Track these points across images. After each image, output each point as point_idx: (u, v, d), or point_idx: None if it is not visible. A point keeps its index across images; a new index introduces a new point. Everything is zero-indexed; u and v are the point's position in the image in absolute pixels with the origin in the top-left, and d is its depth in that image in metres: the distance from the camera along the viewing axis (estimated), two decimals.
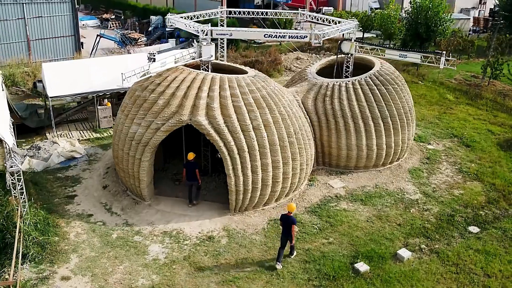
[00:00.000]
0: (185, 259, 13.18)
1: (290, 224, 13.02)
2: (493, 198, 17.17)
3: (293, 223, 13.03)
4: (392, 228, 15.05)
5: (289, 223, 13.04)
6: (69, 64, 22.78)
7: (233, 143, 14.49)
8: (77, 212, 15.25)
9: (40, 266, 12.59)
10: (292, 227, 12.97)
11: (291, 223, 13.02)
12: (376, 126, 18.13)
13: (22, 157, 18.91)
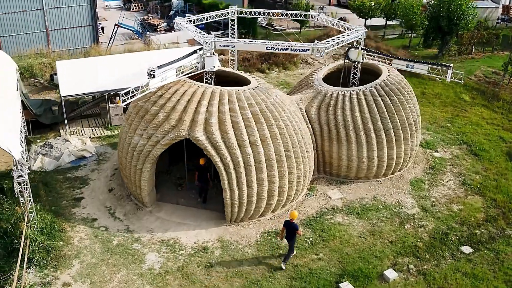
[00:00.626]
0: (178, 270, 14.00)
1: (293, 229, 14.18)
2: (491, 216, 17.23)
3: (295, 229, 14.23)
4: (383, 246, 15.43)
5: (292, 229, 14.21)
6: (82, 62, 23.52)
7: (229, 158, 15.00)
8: (83, 216, 16.23)
9: (45, 271, 13.66)
10: (297, 232, 14.21)
11: (294, 229, 14.18)
12: (378, 138, 18.25)
13: (35, 155, 20.04)
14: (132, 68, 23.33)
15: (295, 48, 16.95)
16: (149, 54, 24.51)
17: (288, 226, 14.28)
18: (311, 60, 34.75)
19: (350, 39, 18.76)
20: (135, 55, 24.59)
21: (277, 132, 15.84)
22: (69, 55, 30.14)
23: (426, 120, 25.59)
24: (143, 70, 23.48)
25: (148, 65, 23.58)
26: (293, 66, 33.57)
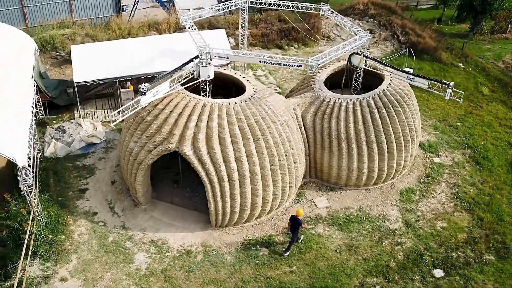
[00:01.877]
0: (162, 272, 15.73)
1: (297, 224, 16.30)
2: (473, 238, 17.72)
3: (299, 224, 16.37)
4: (356, 262, 16.46)
5: (296, 223, 16.34)
6: (96, 47, 24.45)
7: (214, 173, 16.08)
8: (85, 209, 18.08)
9: (47, 263, 15.74)
10: (301, 226, 16.38)
11: (298, 224, 16.32)
12: (370, 151, 18.66)
13: (50, 138, 21.84)
14: (145, 53, 24.17)
15: (288, 63, 17.14)
16: (163, 39, 25.02)
17: (293, 221, 16.47)
18: (333, 36, 34.09)
19: (349, 49, 18.63)
20: (149, 39, 25.23)
21: (263, 147, 16.63)
22: (91, 25, 31.10)
23: (436, 116, 25.33)
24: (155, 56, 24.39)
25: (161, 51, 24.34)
26: (313, 42, 33.16)
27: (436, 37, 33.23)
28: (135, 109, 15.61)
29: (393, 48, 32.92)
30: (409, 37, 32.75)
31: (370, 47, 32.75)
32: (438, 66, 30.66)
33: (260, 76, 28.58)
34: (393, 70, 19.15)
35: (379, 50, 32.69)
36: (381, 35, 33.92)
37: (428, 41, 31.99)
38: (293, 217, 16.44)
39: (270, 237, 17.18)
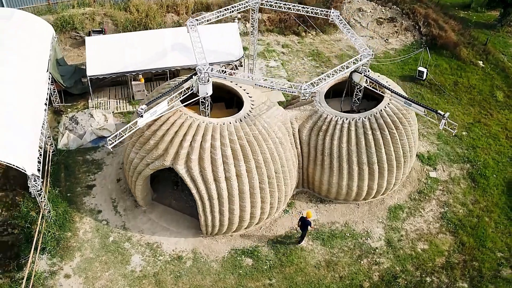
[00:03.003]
0: (154, 275, 17.59)
1: (306, 224, 18.37)
2: (451, 263, 18.62)
3: (308, 225, 18.41)
4: (332, 280, 17.79)
5: (305, 224, 18.42)
6: (110, 39, 25.23)
7: (204, 191, 17.36)
8: (91, 206, 19.90)
9: (54, 259, 17.83)
10: (308, 227, 18.43)
11: (307, 224, 18.38)
12: (360, 171, 19.38)
13: (63, 129, 23.45)
14: (156, 48, 24.86)
15: (282, 88, 17.62)
16: (176, 33, 25.40)
17: (303, 221, 18.54)
18: (353, 22, 33.41)
19: (346, 72, 18.80)
20: (162, 33, 25.68)
21: (253, 167, 17.65)
22: (112, 3, 31.63)
23: None
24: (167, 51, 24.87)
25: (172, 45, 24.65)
26: (332, 28, 32.73)
27: (460, 30, 32.10)
28: (132, 130, 16.76)
29: (413, 39, 32.13)
30: (431, 29, 31.80)
31: (390, 36, 32.31)
32: (456, 64, 29.98)
33: (272, 67, 28.89)
34: (391, 93, 19.32)
35: (398, 41, 32.02)
36: (403, 24, 33.00)
37: (449, 35, 31.02)
38: (303, 218, 18.63)
39: (256, 248, 18.65)
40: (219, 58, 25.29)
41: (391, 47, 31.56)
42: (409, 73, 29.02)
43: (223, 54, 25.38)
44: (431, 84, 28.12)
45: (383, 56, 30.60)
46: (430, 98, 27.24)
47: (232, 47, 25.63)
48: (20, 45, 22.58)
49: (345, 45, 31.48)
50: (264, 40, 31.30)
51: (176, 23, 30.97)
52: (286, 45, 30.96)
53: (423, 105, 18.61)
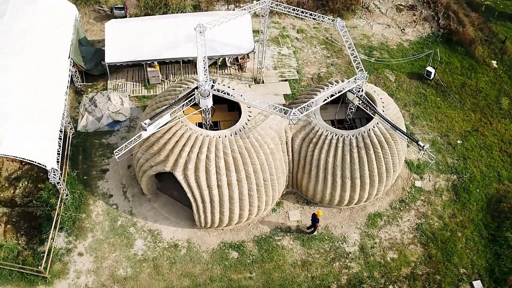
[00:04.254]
0: (152, 260, 20.59)
1: (315, 221, 21.29)
2: (414, 274, 20.83)
3: (317, 222, 21.25)
4: (305, 279, 20.37)
5: (314, 220, 21.26)
6: (130, 25, 26.47)
7: (198, 195, 19.72)
8: (103, 190, 22.67)
9: (70, 238, 20.98)
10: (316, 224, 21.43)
11: (316, 221, 21.25)
12: (343, 183, 21.22)
13: (83, 110, 25.73)
14: (174, 36, 26.13)
15: (273, 111, 19.00)
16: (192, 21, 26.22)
17: (313, 217, 21.29)
18: (372, 7, 33.09)
19: (337, 95, 19.85)
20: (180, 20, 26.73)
21: (243, 177, 19.74)
22: None
23: (440, 129, 26.22)
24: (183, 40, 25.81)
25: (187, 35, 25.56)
26: (350, 14, 32.66)
27: (480, 24, 31.37)
28: (136, 141, 18.86)
29: (430, 31, 31.84)
30: (450, 22, 31.28)
31: (407, 26, 32.07)
32: (468, 63, 29.93)
33: (283, 55, 29.70)
34: (379, 118, 20.42)
35: (414, 32, 31.82)
36: (422, 13, 32.54)
37: (467, 30, 30.58)
38: (314, 214, 21.33)
39: (242, 243, 21.24)
40: (230, 51, 26.46)
41: (406, 38, 31.49)
42: (418, 70, 29.32)
43: (234, 47, 26.47)
44: (437, 84, 28.54)
45: (396, 48, 30.75)
46: (434, 100, 27.83)
47: (244, 40, 26.60)
48: (43, 32, 24.36)
49: (360, 33, 31.63)
50: (280, 24, 31.76)
51: (196, 0, 31.62)
52: (301, 30, 31.39)
53: (407, 134, 19.86)
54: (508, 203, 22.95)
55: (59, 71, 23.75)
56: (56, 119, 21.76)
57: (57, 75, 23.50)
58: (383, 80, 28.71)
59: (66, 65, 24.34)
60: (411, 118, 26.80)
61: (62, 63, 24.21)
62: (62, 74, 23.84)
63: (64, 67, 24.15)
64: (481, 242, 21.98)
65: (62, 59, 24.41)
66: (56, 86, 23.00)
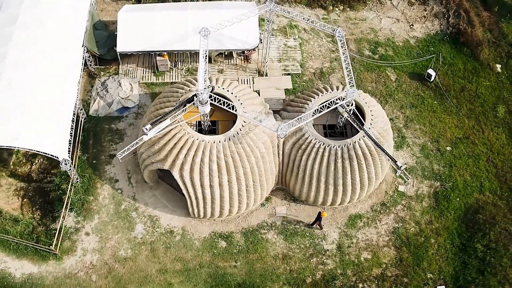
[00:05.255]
0: (150, 244, 23.10)
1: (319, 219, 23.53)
2: (384, 276, 22.91)
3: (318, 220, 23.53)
4: (283, 271, 22.66)
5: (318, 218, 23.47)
6: (142, 16, 27.39)
7: (192, 193, 21.88)
8: (110, 175, 24.91)
9: (78, 218, 23.54)
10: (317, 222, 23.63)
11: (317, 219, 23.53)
12: (326, 189, 23.00)
13: (95, 94, 27.46)
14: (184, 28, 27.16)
15: (262, 124, 20.33)
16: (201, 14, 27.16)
17: (318, 215, 23.42)
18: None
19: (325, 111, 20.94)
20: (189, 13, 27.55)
21: (234, 179, 21.65)
22: None
23: (432, 134, 27.21)
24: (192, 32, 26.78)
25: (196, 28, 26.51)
26: (361, 5, 32.62)
27: (490, 24, 31.01)
28: (138, 144, 20.66)
29: (439, 28, 31.78)
30: (459, 21, 31.04)
31: (417, 21, 32.00)
32: (472, 65, 30.13)
33: (289, 47, 30.37)
34: (363, 134, 21.57)
35: (423, 29, 31.80)
36: (433, 9, 32.33)
37: (476, 32, 30.48)
38: (319, 213, 23.42)
39: (231, 233, 23.48)
40: (236, 45, 27.43)
41: (414, 34, 31.55)
42: (421, 70, 29.77)
43: (240, 42, 27.38)
44: (437, 87, 29.06)
45: (401, 45, 30.97)
46: (430, 103, 28.52)
47: (249, 36, 27.42)
48: (59, 22, 25.75)
49: (368, 26, 31.81)
50: (290, 12, 32.02)
51: None
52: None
53: (387, 153, 21.21)
54: (484, 215, 24.39)
55: (72, 61, 25.35)
56: (68, 110, 23.67)
57: (70, 65, 25.13)
58: (383, 79, 29.36)
59: (79, 54, 25.86)
60: (405, 120, 27.77)
61: (76, 52, 25.75)
62: (76, 63, 25.43)
63: (77, 56, 25.70)
64: (451, 250, 23.74)
65: (76, 48, 25.92)
66: (69, 77, 24.70)
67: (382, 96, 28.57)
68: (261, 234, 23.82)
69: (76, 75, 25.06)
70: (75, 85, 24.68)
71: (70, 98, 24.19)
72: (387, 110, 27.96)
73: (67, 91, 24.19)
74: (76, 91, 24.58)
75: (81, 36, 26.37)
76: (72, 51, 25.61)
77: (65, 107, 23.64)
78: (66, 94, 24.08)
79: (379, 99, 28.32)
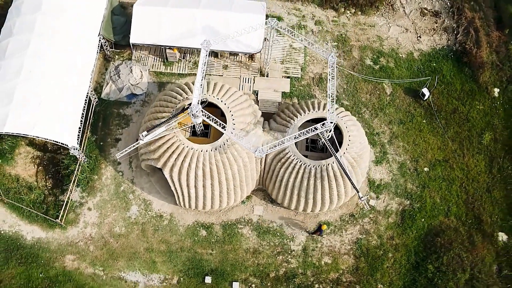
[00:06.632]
0: (141, 224, 26.76)
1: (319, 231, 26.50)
2: (339, 280, 26.08)
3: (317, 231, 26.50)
4: (252, 264, 26.03)
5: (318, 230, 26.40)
6: (156, 12, 28.95)
7: (179, 190, 25.37)
8: (114, 158, 27.95)
9: (83, 194, 27.22)
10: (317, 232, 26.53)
11: (318, 231, 26.42)
12: (299, 199, 25.68)
13: (108, 78, 29.93)
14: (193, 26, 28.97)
15: (241, 143, 22.56)
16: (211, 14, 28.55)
17: (319, 227, 26.44)
18: (398, 5, 32.94)
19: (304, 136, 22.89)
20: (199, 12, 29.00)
21: (216, 183, 24.61)
22: None
23: (413, 153, 29.18)
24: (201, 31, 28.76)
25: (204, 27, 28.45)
26: (372, 10, 32.93)
27: (498, 45, 30.96)
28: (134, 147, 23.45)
29: (446, 43, 32.16)
30: (467, 39, 31.06)
31: (425, 33, 32.27)
32: (469, 87, 30.80)
33: (294, 49, 31.56)
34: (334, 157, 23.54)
35: (430, 42, 32.17)
36: (444, 22, 32.31)
37: (481, 53, 30.83)
38: (320, 225, 26.51)
39: (212, 224, 26.75)
40: (239, 48, 29.15)
41: (419, 47, 32.02)
42: (417, 86, 30.67)
43: (243, 45, 29.03)
44: (429, 106, 30.04)
45: (404, 57, 31.61)
46: (419, 121, 29.83)
47: (253, 40, 28.85)
48: (78, 11, 27.67)
49: (375, 34, 32.40)
50: (301, 11, 32.81)
51: None
52: (319, 22, 32.48)
53: (352, 183, 23.33)
54: (442, 239, 26.68)
55: (88, 49, 27.83)
56: (80, 99, 26.58)
57: (86, 54, 27.71)
58: (379, 92, 30.59)
59: (95, 43, 28.11)
60: (390, 136, 29.43)
61: (92, 41, 28.06)
62: (91, 52, 27.79)
63: (93, 44, 27.96)
64: (405, 266, 26.50)
65: (92, 36, 28.23)
66: (83, 66, 27.44)
67: (373, 108, 30.03)
68: (238, 228, 27.03)
69: (90, 64, 27.58)
70: (88, 74, 27.29)
71: (83, 87, 26.99)
72: (376, 123, 29.60)
73: (80, 80, 26.94)
74: (89, 81, 27.20)
75: (98, 25, 28.52)
76: (89, 40, 28.03)
77: (77, 96, 26.53)
78: (79, 83, 26.84)
79: (370, 112, 29.85)
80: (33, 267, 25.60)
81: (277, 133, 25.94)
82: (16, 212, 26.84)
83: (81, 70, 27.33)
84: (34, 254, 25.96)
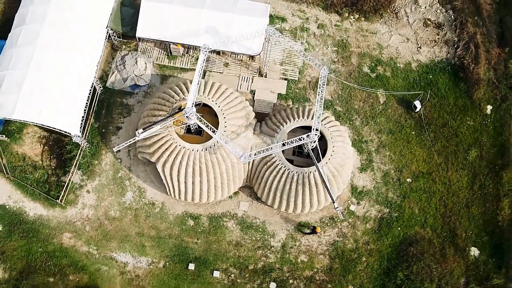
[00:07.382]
0: (135, 210, 28.93)
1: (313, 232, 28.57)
2: (312, 278, 27.99)
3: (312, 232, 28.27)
4: (233, 255, 28.12)
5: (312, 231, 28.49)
6: (163, 8, 29.99)
7: (170, 184, 27.57)
8: (114, 145, 30.03)
9: (83, 177, 29.40)
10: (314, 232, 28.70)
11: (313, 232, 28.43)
12: (281, 201, 27.56)
13: (114, 67, 31.43)
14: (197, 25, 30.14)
15: (230, 149, 24.01)
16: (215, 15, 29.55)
17: (313, 230, 28.48)
18: (401, 14, 33.24)
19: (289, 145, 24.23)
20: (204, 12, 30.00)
21: (205, 180, 26.45)
22: None
23: (399, 163, 30.47)
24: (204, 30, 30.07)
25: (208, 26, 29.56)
26: (377, 17, 33.43)
27: (498, 62, 31.23)
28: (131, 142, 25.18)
29: (445, 56, 32.58)
30: (466, 54, 31.35)
31: (426, 44, 32.70)
32: (462, 102, 31.53)
33: (294, 51, 32.23)
34: (316, 167, 24.88)
35: (429, 53, 32.66)
36: (446, 35, 32.56)
37: (479, 69, 31.20)
38: (314, 228, 28.41)
39: (199, 215, 28.67)
40: (239, 49, 30.30)
41: (418, 58, 32.54)
42: (411, 97, 31.35)
43: (244, 47, 30.22)
44: (420, 118, 30.81)
45: (402, 67, 32.24)
46: (408, 132, 30.79)
47: (254, 43, 29.86)
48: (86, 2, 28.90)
49: (376, 41, 32.97)
50: (305, 13, 33.41)
51: None
52: (321, 26, 33.14)
53: (329, 193, 24.81)
54: (415, 249, 28.14)
55: (95, 42, 29.48)
56: (85, 89, 28.42)
57: (93, 45, 29.09)
58: (372, 100, 31.53)
59: (103, 35, 29.51)
60: (378, 145, 30.56)
61: (100, 33, 29.42)
62: (98, 44, 29.35)
63: (101, 37, 29.47)
64: (377, 271, 28.21)
65: (100, 28, 29.59)
66: (90, 57, 28.95)
67: (365, 116, 31.07)
68: (223, 221, 28.95)
69: (97, 56, 29.12)
70: (94, 66, 28.85)
71: (89, 78, 28.74)
72: (365, 131, 30.71)
73: (87, 71, 28.70)
74: (95, 71, 28.77)
75: (107, 17, 29.84)
76: (97, 32, 29.55)
77: (83, 86, 28.33)
78: (85, 74, 28.57)
79: (362, 119, 30.88)
80: (34, 241, 28.19)
81: (267, 137, 27.38)
82: (21, 189, 29.21)
83: (88, 61, 28.99)
84: (35, 230, 28.52)
